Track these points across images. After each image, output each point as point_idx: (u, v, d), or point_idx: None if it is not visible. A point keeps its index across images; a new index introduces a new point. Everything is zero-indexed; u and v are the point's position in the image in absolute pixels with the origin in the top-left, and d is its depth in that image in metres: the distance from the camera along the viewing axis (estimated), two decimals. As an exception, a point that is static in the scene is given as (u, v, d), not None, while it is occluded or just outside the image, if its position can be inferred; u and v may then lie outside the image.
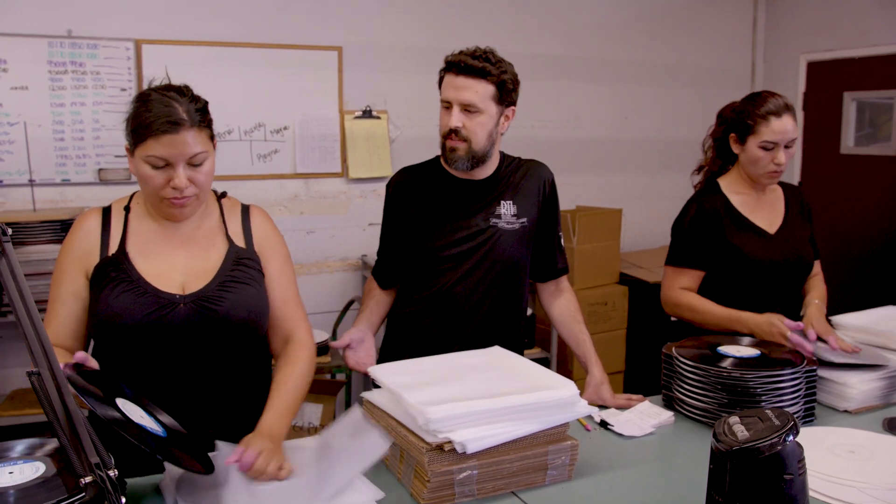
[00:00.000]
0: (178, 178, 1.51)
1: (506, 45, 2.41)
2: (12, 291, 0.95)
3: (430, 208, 2.04)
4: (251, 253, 1.68)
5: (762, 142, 2.17)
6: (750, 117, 2.18)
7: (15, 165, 3.31)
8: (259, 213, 1.77)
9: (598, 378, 1.99)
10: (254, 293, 1.63)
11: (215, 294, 1.58)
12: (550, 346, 4.06)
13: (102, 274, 1.57)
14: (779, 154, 2.17)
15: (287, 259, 1.76)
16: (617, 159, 4.72)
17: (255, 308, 1.62)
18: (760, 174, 2.22)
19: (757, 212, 2.29)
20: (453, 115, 1.93)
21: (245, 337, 1.63)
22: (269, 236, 1.73)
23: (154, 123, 1.48)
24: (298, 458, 1.43)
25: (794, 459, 1.07)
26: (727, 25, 4.98)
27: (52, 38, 3.33)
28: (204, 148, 1.54)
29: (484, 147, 1.97)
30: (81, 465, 0.94)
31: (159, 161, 1.50)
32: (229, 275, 1.62)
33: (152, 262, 1.60)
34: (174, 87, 1.57)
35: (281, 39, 3.74)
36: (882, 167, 4.43)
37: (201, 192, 1.58)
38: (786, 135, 2.15)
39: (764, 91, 2.24)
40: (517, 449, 1.41)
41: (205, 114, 1.57)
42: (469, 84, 1.92)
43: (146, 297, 1.54)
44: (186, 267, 1.61)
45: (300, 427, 3.41)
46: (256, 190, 3.74)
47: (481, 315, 2.04)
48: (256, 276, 1.66)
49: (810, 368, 1.77)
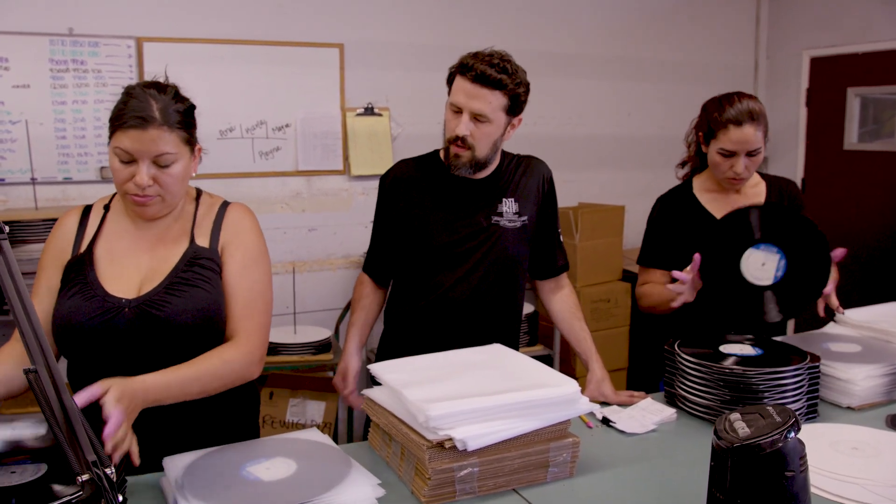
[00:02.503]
0: (139, 175, 1.49)
1: (508, 41, 2.40)
2: (9, 289, 0.95)
3: (431, 205, 2.02)
4: (212, 252, 1.62)
5: (720, 148, 2.10)
6: (712, 121, 2.12)
7: (17, 164, 3.31)
8: (234, 211, 1.69)
9: (599, 375, 1.99)
10: (203, 295, 1.56)
11: (160, 298, 1.54)
12: (553, 343, 4.05)
13: (67, 274, 1.57)
14: (738, 163, 2.08)
15: (256, 259, 1.66)
16: (619, 156, 4.71)
17: (202, 311, 1.55)
18: (721, 179, 2.17)
19: (724, 210, 2.16)
20: (462, 123, 1.88)
21: (194, 340, 1.55)
22: (237, 234, 1.65)
23: (125, 116, 1.47)
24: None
25: (795, 456, 1.06)
26: (730, 22, 4.96)
27: (54, 37, 3.33)
28: (173, 150, 1.51)
29: (487, 155, 1.95)
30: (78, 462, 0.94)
31: (124, 155, 1.49)
32: (180, 276, 1.57)
33: (116, 263, 1.58)
34: (158, 85, 1.55)
35: (282, 37, 3.73)
36: (886, 163, 4.42)
37: (166, 195, 1.54)
38: (744, 145, 2.06)
39: (736, 94, 2.14)
40: (518, 446, 1.41)
41: (186, 116, 1.54)
42: (483, 94, 1.86)
43: (94, 301, 1.52)
44: (147, 268, 1.59)
45: (302, 424, 3.41)
46: (258, 187, 3.74)
47: (481, 313, 2.02)
48: (211, 276, 1.60)
49: (813, 365, 1.76)
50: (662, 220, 2.26)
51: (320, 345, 3.39)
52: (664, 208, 2.27)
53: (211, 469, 1.37)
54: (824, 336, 2.12)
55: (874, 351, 1.96)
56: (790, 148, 4.90)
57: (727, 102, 2.11)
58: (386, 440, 1.53)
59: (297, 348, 3.35)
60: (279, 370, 3.29)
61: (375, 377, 1.58)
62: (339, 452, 1.45)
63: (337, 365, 3.37)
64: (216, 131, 3.62)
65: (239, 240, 1.65)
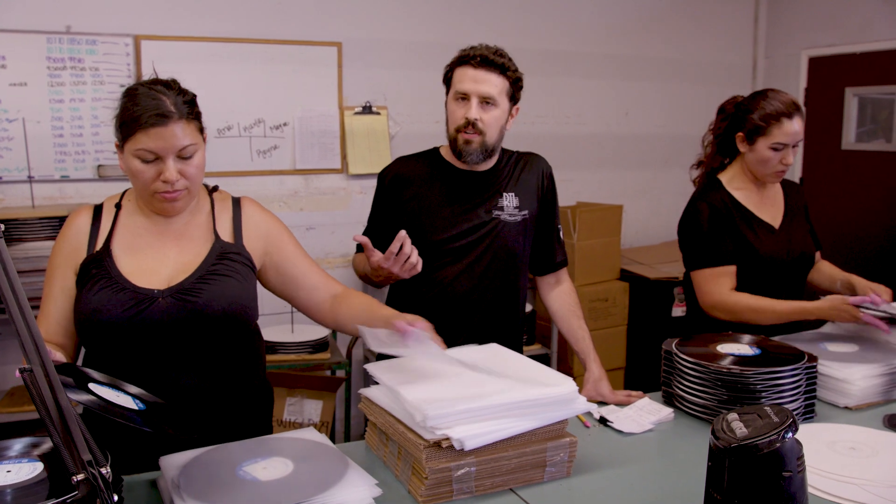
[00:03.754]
0: (168, 172, 1.51)
1: (507, 40, 2.40)
2: (5, 288, 0.94)
3: (431, 200, 2.04)
4: (238, 247, 1.67)
5: (774, 143, 2.16)
6: (761, 118, 2.17)
7: (14, 162, 3.30)
8: (250, 206, 1.76)
9: (597, 374, 1.99)
10: (236, 286, 1.61)
11: (194, 286, 1.57)
12: (551, 342, 4.05)
13: (86, 272, 1.57)
14: (788, 154, 2.17)
15: (291, 235, 1.79)
16: (618, 155, 4.71)
17: (236, 300, 1.60)
18: (768, 174, 2.22)
19: (761, 207, 2.28)
20: (473, 107, 1.95)
21: (228, 330, 1.60)
22: (269, 227, 1.74)
23: (142, 117, 1.48)
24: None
25: (793, 456, 1.06)
26: (729, 21, 4.96)
27: (51, 35, 3.32)
28: (193, 140, 1.53)
29: (496, 141, 2.00)
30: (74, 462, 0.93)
31: (149, 155, 1.50)
32: (211, 269, 1.60)
33: (139, 259, 1.59)
34: (161, 81, 1.57)
35: (280, 35, 3.73)
36: (883, 163, 4.42)
37: (192, 186, 1.58)
38: (796, 136, 2.16)
39: (769, 90, 2.22)
40: (515, 445, 1.41)
41: (193, 106, 1.56)
42: (488, 77, 1.94)
43: (124, 294, 1.53)
44: (175, 262, 1.61)
45: (299, 423, 3.41)
46: (256, 186, 3.73)
47: (482, 308, 2.03)
48: (241, 269, 1.64)
49: (810, 365, 1.76)
50: (717, 219, 2.23)
51: (317, 343, 3.39)
52: (714, 207, 2.24)
53: (208, 468, 1.37)
54: (821, 336, 2.13)
55: (871, 351, 1.97)
56: (788, 147, 4.90)
57: (770, 98, 2.17)
58: (383, 440, 1.53)
59: (294, 347, 3.35)
60: (276, 369, 3.29)
61: (373, 377, 1.57)
62: (336, 452, 1.44)
63: (334, 364, 3.39)
64: (214, 130, 3.61)
65: (274, 231, 1.75)
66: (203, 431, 1.52)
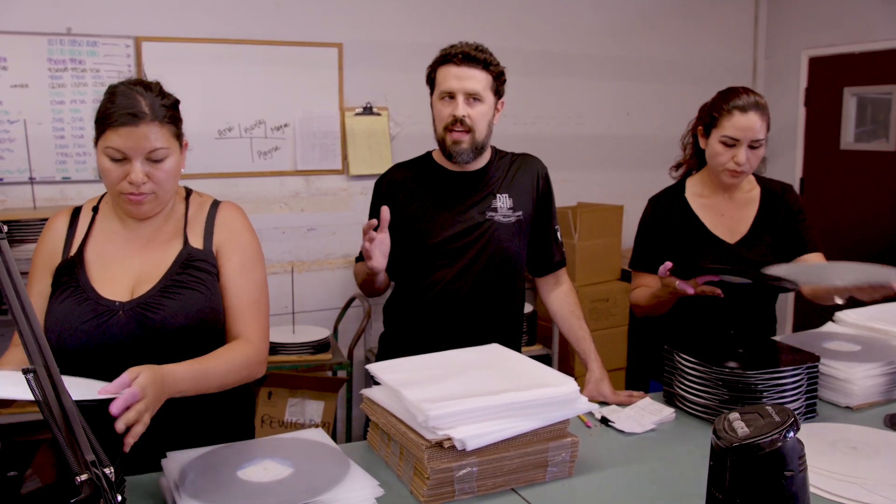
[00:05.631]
0: (134, 173, 1.48)
1: (507, 41, 2.41)
2: (7, 289, 0.95)
3: (426, 203, 2.04)
4: (206, 254, 1.61)
5: (723, 136, 2.05)
6: (716, 109, 2.08)
7: (15, 163, 3.31)
8: (226, 210, 1.68)
9: (598, 374, 1.99)
10: (199, 298, 1.56)
11: (154, 301, 1.53)
12: (552, 343, 4.05)
13: (58, 278, 1.55)
14: (739, 152, 2.03)
15: (253, 259, 1.65)
16: (618, 156, 4.71)
17: (196, 314, 1.54)
18: (720, 171, 2.09)
19: (718, 218, 2.16)
20: (459, 104, 1.95)
21: (189, 343, 1.53)
22: (232, 235, 1.64)
23: (114, 114, 1.46)
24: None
25: (794, 456, 1.06)
26: (729, 22, 4.96)
27: (52, 36, 3.32)
28: (165, 144, 1.50)
29: (485, 137, 2.01)
30: (77, 462, 0.93)
31: (117, 153, 1.48)
32: (174, 279, 1.56)
33: (107, 266, 1.57)
34: (143, 82, 1.54)
35: (281, 36, 3.73)
36: (882, 163, 4.42)
37: (160, 190, 1.54)
38: (748, 132, 2.02)
39: (740, 87, 2.11)
40: (517, 446, 1.41)
41: (171, 110, 1.54)
42: (472, 73, 1.95)
43: (86, 304, 1.51)
44: (140, 270, 1.57)
45: (301, 424, 3.41)
46: (256, 187, 3.73)
47: (479, 310, 2.03)
48: (206, 278, 1.59)
49: (812, 364, 1.76)
50: (654, 224, 2.21)
51: (319, 344, 3.39)
52: (656, 211, 2.22)
53: (210, 469, 1.37)
54: (823, 335, 2.13)
55: (873, 350, 1.96)
56: (789, 148, 4.91)
57: (733, 94, 2.08)
58: (385, 440, 1.53)
59: (295, 348, 3.35)
60: (278, 370, 3.29)
61: (374, 377, 1.58)
62: (337, 452, 1.45)
63: (336, 365, 3.40)
64: (215, 131, 3.61)
65: (235, 240, 1.65)
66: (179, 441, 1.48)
